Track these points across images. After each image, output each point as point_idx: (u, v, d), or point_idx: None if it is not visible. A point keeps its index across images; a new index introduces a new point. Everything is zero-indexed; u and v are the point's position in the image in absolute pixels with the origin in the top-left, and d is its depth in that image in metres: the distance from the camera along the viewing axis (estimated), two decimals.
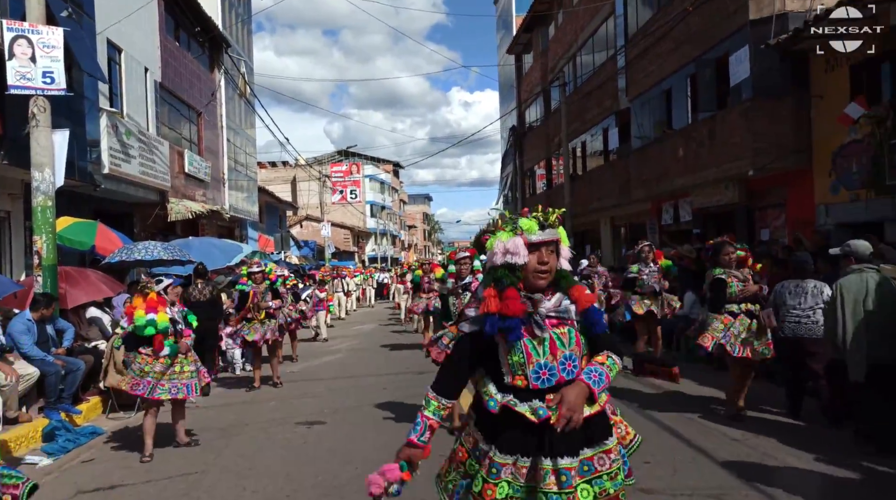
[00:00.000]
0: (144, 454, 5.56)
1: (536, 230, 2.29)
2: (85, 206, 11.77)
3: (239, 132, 22.90)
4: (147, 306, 5.61)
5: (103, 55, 12.14)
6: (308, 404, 7.73)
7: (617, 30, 17.35)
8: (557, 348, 2.26)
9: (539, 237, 2.29)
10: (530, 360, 2.24)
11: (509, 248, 2.28)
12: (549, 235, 2.31)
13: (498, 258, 2.30)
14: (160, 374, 5.66)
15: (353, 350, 12.83)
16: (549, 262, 2.30)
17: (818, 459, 4.98)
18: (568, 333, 2.29)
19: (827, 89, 10.06)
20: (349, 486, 4.75)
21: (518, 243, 2.27)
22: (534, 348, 2.25)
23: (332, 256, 32.89)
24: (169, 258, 8.77)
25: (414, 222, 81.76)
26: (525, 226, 2.29)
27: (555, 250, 2.35)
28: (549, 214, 2.35)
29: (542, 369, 2.25)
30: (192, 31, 17.91)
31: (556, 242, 2.35)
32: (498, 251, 2.30)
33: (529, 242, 2.28)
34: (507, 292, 2.26)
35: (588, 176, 20.86)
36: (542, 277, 2.29)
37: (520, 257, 2.26)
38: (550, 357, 2.25)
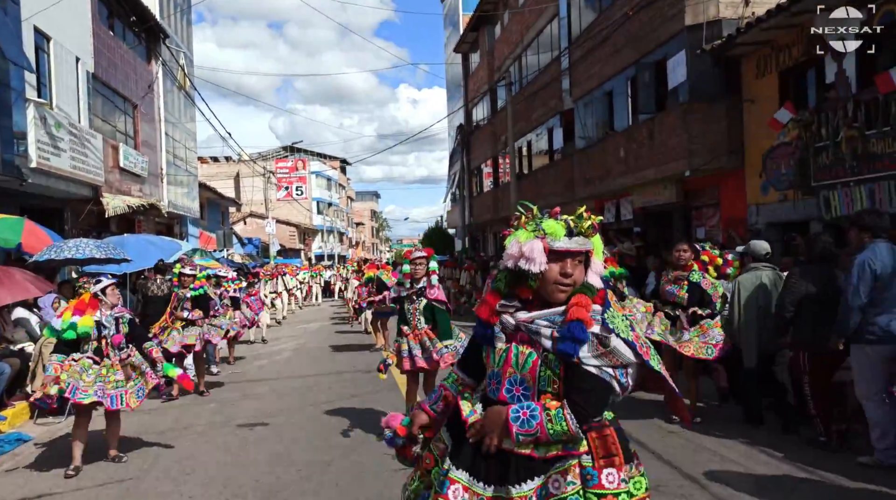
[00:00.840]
0: (69, 468, 5.10)
1: (562, 236, 1.98)
2: (11, 201, 11.16)
3: (178, 126, 22.18)
4: (75, 308, 5.23)
5: (30, 43, 11.53)
6: (250, 406, 7.57)
7: (561, 31, 17.64)
8: (509, 366, 2.04)
9: (563, 245, 1.97)
10: (489, 365, 2.12)
11: (525, 252, 1.97)
12: (578, 245, 1.99)
13: (509, 260, 2.02)
14: (90, 382, 5.18)
15: (298, 350, 12.64)
16: (574, 275, 1.98)
17: (750, 449, 5.21)
18: (527, 355, 2.01)
19: (757, 94, 10.51)
20: (290, 489, 4.69)
21: (536, 248, 1.96)
22: (493, 356, 2.11)
23: (277, 253, 32.27)
24: (102, 257, 8.39)
25: (361, 220, 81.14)
26: (549, 229, 1.98)
27: (583, 261, 2.02)
28: (582, 219, 2.01)
29: (492, 378, 2.11)
30: (128, 20, 17.22)
31: (587, 253, 2.03)
32: (512, 252, 2.01)
33: (551, 248, 1.97)
34: (487, 295, 2.15)
35: (534, 175, 21.16)
36: (563, 290, 1.99)
37: (535, 264, 1.96)
38: (501, 371, 2.07)
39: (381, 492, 4.52)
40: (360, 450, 5.53)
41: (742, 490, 4.31)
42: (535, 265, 1.96)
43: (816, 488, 4.37)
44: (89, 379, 5.18)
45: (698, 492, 4.30)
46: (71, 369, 5.15)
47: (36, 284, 8.47)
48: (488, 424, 2.00)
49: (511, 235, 2.05)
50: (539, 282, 2.00)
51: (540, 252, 1.96)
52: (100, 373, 5.25)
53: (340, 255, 57.98)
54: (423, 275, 5.63)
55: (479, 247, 29.94)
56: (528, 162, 22.16)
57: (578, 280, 2.00)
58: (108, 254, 7.76)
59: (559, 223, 1.99)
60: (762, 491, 4.30)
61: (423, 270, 5.63)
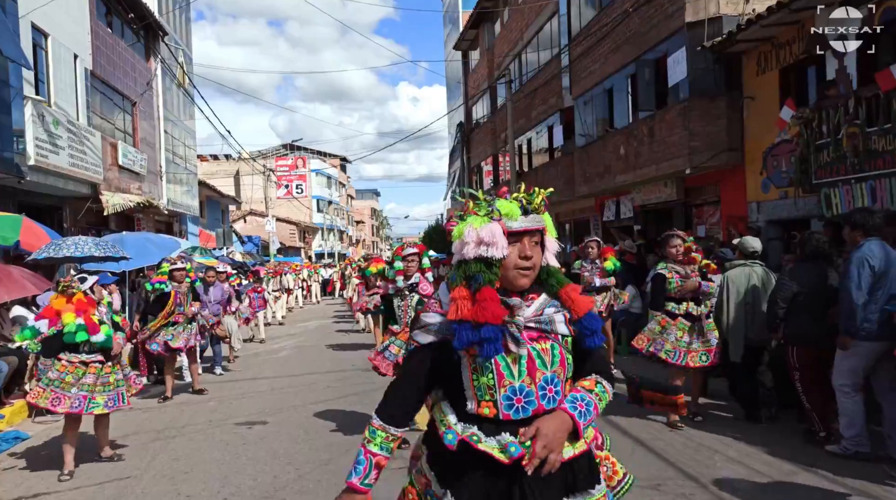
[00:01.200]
0: (63, 472, 5.03)
1: (518, 216, 1.83)
2: (9, 199, 11.13)
3: (177, 124, 22.13)
4: (76, 308, 5.08)
5: (28, 40, 11.49)
6: (249, 404, 7.55)
7: (561, 28, 17.58)
8: (537, 369, 1.80)
9: (521, 225, 1.83)
10: (502, 382, 1.78)
11: (484, 237, 1.80)
12: (534, 223, 1.86)
13: (470, 250, 1.82)
14: (91, 385, 5.12)
15: (298, 348, 12.62)
16: (533, 256, 1.84)
17: (750, 447, 5.19)
18: (551, 349, 1.82)
19: (758, 91, 10.47)
20: (289, 488, 4.66)
21: (495, 232, 1.80)
22: (507, 367, 1.78)
23: (277, 251, 32.24)
24: (101, 255, 8.35)
25: (362, 218, 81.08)
26: (504, 210, 1.83)
27: (539, 241, 1.88)
28: (533, 194, 1.89)
29: (517, 394, 1.78)
30: (126, 17, 17.17)
31: (542, 231, 1.89)
32: (470, 241, 1.82)
33: (509, 230, 1.81)
34: (482, 291, 1.78)
35: (534, 173, 21.11)
36: (525, 274, 1.83)
37: (497, 248, 1.79)
38: (527, 380, 1.79)
39: (379, 491, 4.49)
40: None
41: (742, 489, 4.28)
42: (498, 250, 1.79)
43: (816, 485, 4.34)
44: (98, 387, 5.16)
45: (699, 492, 4.27)
46: (72, 376, 5.09)
47: (34, 282, 8.45)
48: (550, 439, 1.72)
49: (460, 224, 1.88)
50: (500, 269, 1.83)
51: (501, 235, 1.80)
52: (106, 379, 5.23)
53: (341, 253, 57.93)
54: (415, 272, 5.55)
55: None
56: (529, 160, 22.12)
57: (538, 262, 1.87)
58: (107, 252, 7.73)
59: (512, 202, 1.85)
60: (763, 490, 4.28)
61: (415, 266, 5.54)
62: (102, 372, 5.23)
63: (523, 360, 1.80)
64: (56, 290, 5.31)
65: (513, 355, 1.80)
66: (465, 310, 1.77)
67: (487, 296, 1.78)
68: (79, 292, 5.18)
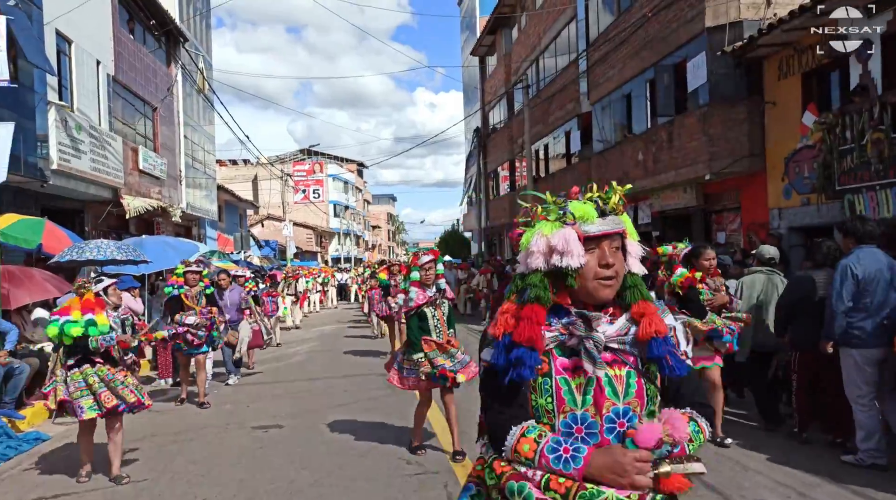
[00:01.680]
0: (81, 475, 4.99)
1: (595, 218, 1.62)
2: (31, 202, 11.31)
3: (197, 129, 22.38)
4: (83, 307, 4.93)
5: (52, 46, 11.69)
6: (265, 408, 7.56)
7: (579, 33, 17.54)
8: (605, 398, 1.57)
9: (599, 228, 1.62)
10: (561, 407, 1.57)
11: (556, 244, 1.59)
12: (613, 225, 1.64)
13: (537, 260, 1.62)
14: (108, 382, 4.95)
15: (314, 352, 12.64)
16: (615, 263, 1.63)
17: (771, 456, 5.09)
18: (626, 377, 1.59)
19: (779, 96, 10.33)
20: (306, 493, 4.65)
21: (569, 237, 1.59)
22: (569, 392, 1.58)
23: (294, 256, 32.43)
24: (123, 258, 8.42)
25: (378, 223, 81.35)
26: (578, 212, 1.62)
27: (620, 245, 1.67)
28: (609, 193, 1.67)
29: (577, 423, 1.57)
30: (148, 23, 17.41)
31: (622, 234, 1.67)
32: (536, 250, 1.62)
33: (585, 235, 1.61)
34: (526, 309, 1.60)
35: (551, 178, 21.04)
36: (607, 284, 1.61)
37: (573, 256, 1.58)
38: (592, 409, 1.57)
39: (395, 497, 4.48)
40: (374, 454, 5.49)
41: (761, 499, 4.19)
42: (573, 258, 1.57)
43: (843, 497, 4.24)
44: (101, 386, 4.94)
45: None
46: (89, 379, 4.93)
47: (55, 284, 8.57)
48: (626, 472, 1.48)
49: (528, 231, 1.68)
50: (577, 280, 1.61)
51: (576, 241, 1.58)
52: (115, 377, 5.03)
53: (357, 258, 58.14)
54: (432, 279, 5.35)
55: (496, 250, 29.84)
56: (545, 165, 22.06)
57: (620, 270, 1.64)
58: (128, 255, 7.79)
59: (587, 203, 1.64)
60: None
61: (433, 273, 5.36)
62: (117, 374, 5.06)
63: (591, 385, 1.57)
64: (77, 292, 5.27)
65: (578, 380, 1.58)
66: (503, 325, 1.62)
67: (530, 315, 1.58)
68: (89, 292, 5.06)
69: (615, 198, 1.67)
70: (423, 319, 5.25)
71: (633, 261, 1.70)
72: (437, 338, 5.20)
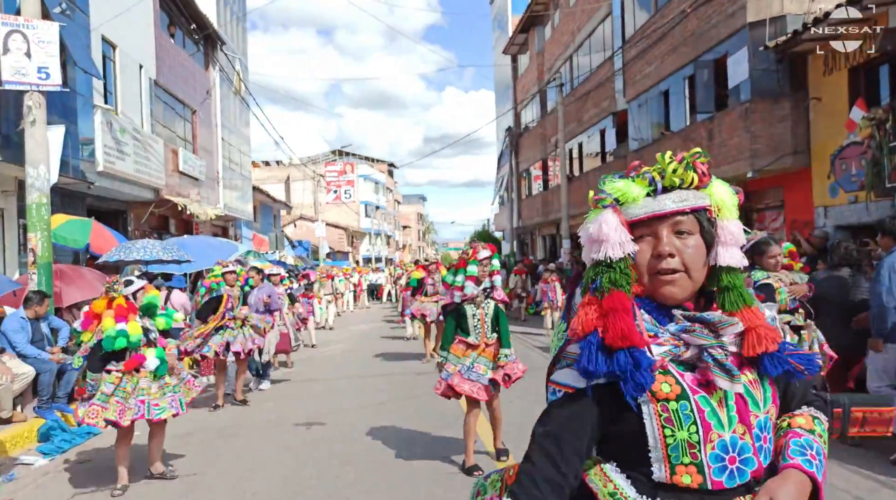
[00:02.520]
0: (116, 486, 4.73)
1: (641, 197, 1.32)
2: (78, 204, 11.65)
3: (234, 131, 22.78)
4: (116, 313, 4.62)
5: (97, 51, 12.03)
6: (306, 405, 7.66)
7: (614, 31, 17.35)
8: (749, 411, 1.28)
9: (649, 209, 1.31)
10: (709, 436, 1.24)
11: (593, 232, 1.31)
12: (676, 202, 1.30)
13: (587, 253, 1.35)
14: (147, 388, 4.74)
15: (349, 352, 12.75)
16: (683, 252, 1.29)
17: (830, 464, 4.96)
18: (760, 382, 1.31)
19: (825, 91, 10.08)
20: (352, 488, 4.70)
21: (604, 223, 1.29)
22: (713, 414, 1.25)
23: (326, 256, 32.76)
24: (168, 258, 8.63)
25: (408, 223, 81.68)
26: (619, 192, 1.33)
27: (698, 229, 1.32)
28: (671, 162, 1.33)
29: (730, 451, 1.25)
30: (187, 28, 17.79)
31: (701, 211, 1.32)
32: (585, 241, 1.37)
33: (631, 218, 1.31)
34: (608, 298, 1.26)
35: (585, 177, 20.86)
36: (667, 279, 1.29)
37: (610, 245, 1.28)
38: (740, 429, 1.26)
39: (437, 494, 4.49)
40: (416, 451, 5.51)
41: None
42: (612, 248, 1.28)
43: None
44: (144, 385, 4.76)
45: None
46: (126, 386, 4.70)
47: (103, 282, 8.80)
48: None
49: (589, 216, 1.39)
50: (633, 268, 1.31)
51: (614, 227, 1.28)
52: (164, 381, 4.87)
53: (388, 258, 58.48)
54: (486, 277, 4.97)
55: (528, 250, 29.71)
56: (579, 164, 21.88)
57: (694, 260, 1.29)
58: (173, 256, 7.98)
59: (637, 180, 1.34)
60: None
61: (488, 270, 4.97)
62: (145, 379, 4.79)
63: (731, 399, 1.27)
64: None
65: (717, 396, 1.26)
66: (589, 321, 1.25)
67: (616, 304, 1.25)
68: (119, 297, 4.74)
69: (680, 168, 1.31)
70: (462, 317, 4.90)
71: (725, 250, 1.32)
72: (473, 339, 4.86)
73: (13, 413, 6.36)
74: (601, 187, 1.37)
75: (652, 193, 1.33)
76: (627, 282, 1.28)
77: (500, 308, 5.03)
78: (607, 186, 1.35)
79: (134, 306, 4.78)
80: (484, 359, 4.84)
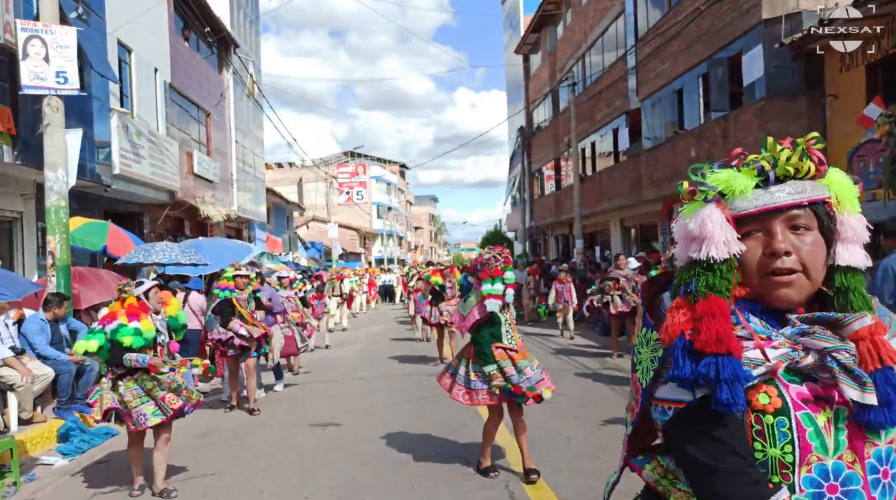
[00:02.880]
0: (134, 488, 4.76)
1: (749, 188, 1.17)
2: (95, 206, 11.78)
3: (247, 133, 22.93)
4: (128, 312, 4.65)
5: (114, 55, 12.16)
6: (321, 406, 7.69)
7: (627, 29, 17.28)
8: (865, 438, 1.11)
9: (760, 202, 1.16)
10: (806, 457, 1.09)
11: (693, 230, 1.18)
12: (792, 194, 1.16)
13: (682, 252, 1.22)
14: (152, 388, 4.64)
15: (364, 352, 12.79)
16: (800, 249, 1.15)
17: None
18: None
19: (842, 89, 9.97)
20: (368, 489, 4.71)
21: (706, 219, 1.16)
22: (816, 433, 1.10)
23: (339, 257, 32.88)
24: (186, 261, 8.69)
25: (420, 224, 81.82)
26: (725, 183, 1.18)
27: (816, 224, 1.17)
28: (787, 148, 1.18)
29: (830, 478, 1.10)
30: (202, 31, 17.94)
31: (819, 204, 1.17)
32: (679, 239, 1.23)
33: (738, 213, 1.17)
34: (704, 302, 1.13)
35: (598, 177, 20.79)
36: (782, 281, 1.15)
37: (713, 243, 1.15)
38: (849, 455, 1.10)
39: (456, 495, 4.49)
40: (431, 452, 5.52)
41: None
42: (716, 248, 1.14)
43: None
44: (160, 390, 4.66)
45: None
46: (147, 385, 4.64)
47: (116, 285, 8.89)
48: None
49: (682, 212, 1.23)
50: (738, 269, 1.16)
51: (718, 224, 1.15)
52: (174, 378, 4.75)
53: (400, 258, 58.60)
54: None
55: (540, 250, 29.65)
56: (592, 163, 21.80)
57: (813, 260, 1.15)
58: (190, 258, 8.03)
59: (744, 170, 1.18)
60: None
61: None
62: (164, 376, 4.70)
63: (843, 421, 1.10)
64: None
65: (825, 415, 1.11)
66: (675, 326, 1.14)
67: (712, 309, 1.12)
68: (131, 297, 4.78)
69: (794, 157, 1.16)
70: (495, 324, 4.72)
71: (845, 248, 1.18)
72: (507, 343, 4.72)
73: (33, 414, 6.44)
74: (700, 179, 1.21)
75: (762, 184, 1.18)
76: (727, 287, 1.15)
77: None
78: (710, 178, 1.20)
79: (146, 305, 4.80)
80: (525, 362, 4.71)
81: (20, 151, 8.81)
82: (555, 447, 5.45)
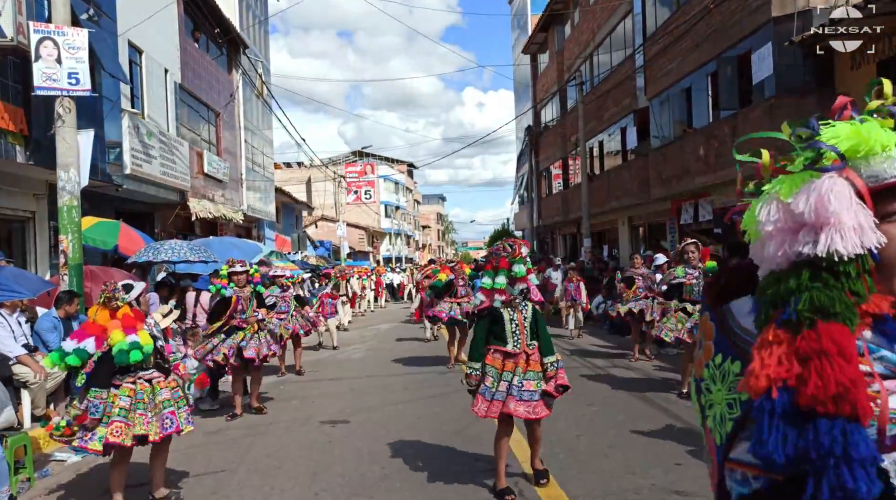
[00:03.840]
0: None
1: (893, 144, 0.85)
2: (107, 206, 11.88)
3: (256, 133, 23.04)
4: (124, 324, 4.23)
5: (124, 56, 12.26)
6: (331, 404, 7.73)
7: (635, 28, 17.23)
8: None
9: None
10: None
11: (804, 212, 0.84)
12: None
13: (775, 249, 0.86)
14: (146, 404, 4.30)
15: (371, 351, 12.83)
16: None
17: None
18: None
19: (853, 86, 9.90)
20: (378, 486, 4.74)
21: (834, 194, 0.82)
22: None
23: (347, 255, 32.98)
24: (195, 259, 8.75)
25: (428, 223, 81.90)
26: (848, 143, 0.86)
27: None
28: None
29: None
30: (211, 32, 18.04)
31: None
32: (772, 231, 0.88)
33: (877, 184, 0.85)
34: (814, 331, 0.77)
35: (606, 176, 20.75)
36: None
37: (844, 230, 0.81)
38: None
39: (466, 493, 4.51)
40: (440, 449, 5.54)
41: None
42: (845, 238, 0.80)
43: None
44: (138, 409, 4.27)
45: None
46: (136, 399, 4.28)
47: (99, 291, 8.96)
48: None
49: (754, 203, 0.93)
50: (873, 270, 0.82)
51: (848, 202, 0.81)
52: (147, 397, 4.34)
53: (408, 257, 58.69)
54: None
55: (548, 249, 29.62)
56: (600, 162, 21.77)
57: None
58: (200, 257, 8.10)
59: (875, 120, 0.87)
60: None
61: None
62: (157, 390, 4.39)
63: None
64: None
65: None
66: (779, 371, 0.76)
67: (830, 346, 0.76)
68: (124, 306, 4.34)
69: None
70: (497, 322, 4.33)
71: None
72: (512, 347, 4.29)
73: (47, 411, 6.52)
74: (806, 136, 0.85)
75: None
76: (853, 311, 0.78)
77: (539, 311, 4.52)
78: (825, 134, 0.84)
79: (140, 314, 4.43)
80: (532, 373, 4.28)
81: (33, 151, 8.91)
82: (564, 445, 5.46)
